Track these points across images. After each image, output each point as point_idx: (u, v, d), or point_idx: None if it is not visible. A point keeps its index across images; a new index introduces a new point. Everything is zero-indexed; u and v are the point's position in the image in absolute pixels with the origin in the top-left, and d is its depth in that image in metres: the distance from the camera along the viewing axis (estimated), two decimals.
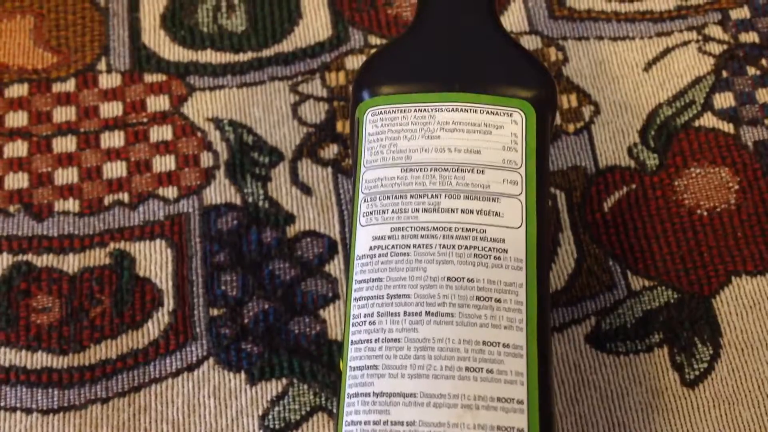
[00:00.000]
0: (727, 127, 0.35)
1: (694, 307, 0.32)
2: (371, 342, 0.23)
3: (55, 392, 0.31)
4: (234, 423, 0.31)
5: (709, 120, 0.35)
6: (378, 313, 0.24)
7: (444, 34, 0.27)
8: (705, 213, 0.34)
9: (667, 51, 0.37)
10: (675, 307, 0.32)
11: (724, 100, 0.36)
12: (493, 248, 0.24)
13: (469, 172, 0.25)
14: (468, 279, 0.24)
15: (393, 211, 0.25)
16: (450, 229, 0.24)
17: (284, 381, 0.31)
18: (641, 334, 0.32)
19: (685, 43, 0.37)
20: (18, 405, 0.31)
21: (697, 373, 0.31)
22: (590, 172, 0.35)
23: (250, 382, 0.31)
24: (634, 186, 0.34)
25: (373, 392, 0.23)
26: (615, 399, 0.31)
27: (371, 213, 0.25)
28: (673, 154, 0.35)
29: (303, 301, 0.32)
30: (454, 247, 0.24)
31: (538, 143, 0.26)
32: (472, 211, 0.24)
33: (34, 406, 0.31)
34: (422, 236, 0.24)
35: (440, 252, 0.24)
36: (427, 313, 0.23)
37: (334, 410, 0.31)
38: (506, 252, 0.24)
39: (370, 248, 0.25)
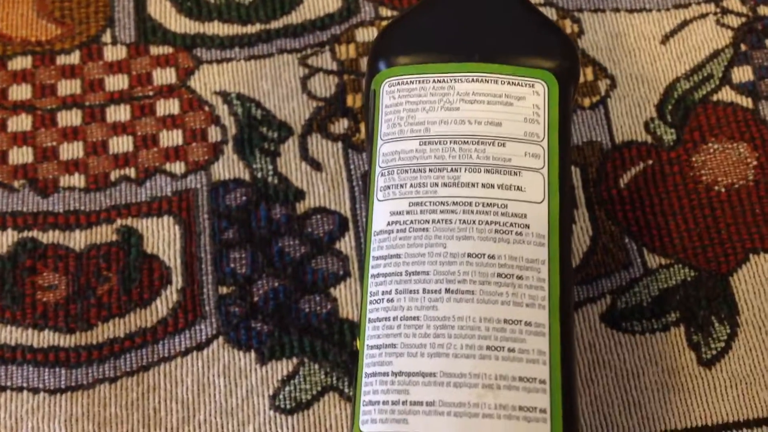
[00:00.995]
0: (746, 102, 0.35)
1: (712, 286, 0.32)
2: (389, 320, 0.23)
3: (63, 371, 0.30)
4: (244, 402, 0.30)
5: (727, 94, 0.35)
6: (396, 290, 0.23)
7: (463, 2, 0.26)
8: (723, 189, 0.33)
9: (684, 23, 0.36)
10: (692, 285, 0.32)
11: (743, 73, 0.35)
12: (515, 224, 0.24)
13: (489, 144, 0.24)
14: (489, 255, 0.23)
15: (411, 186, 0.24)
16: (470, 204, 0.24)
17: (295, 360, 0.31)
18: (657, 312, 0.31)
19: (703, 16, 0.36)
20: (25, 384, 0.30)
21: (714, 352, 0.31)
22: (606, 147, 0.34)
23: (261, 361, 0.31)
24: (650, 162, 0.34)
25: (392, 372, 0.22)
26: (631, 379, 0.30)
27: (389, 187, 0.24)
28: (690, 129, 0.34)
29: (313, 279, 0.32)
30: (474, 222, 0.23)
31: (561, 115, 0.25)
32: (492, 186, 0.24)
33: (41, 385, 0.30)
34: (441, 211, 0.24)
35: (460, 228, 0.23)
36: (447, 291, 0.23)
37: (348, 390, 0.30)
38: (528, 227, 0.23)
39: (388, 224, 0.24)
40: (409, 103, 0.25)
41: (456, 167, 0.24)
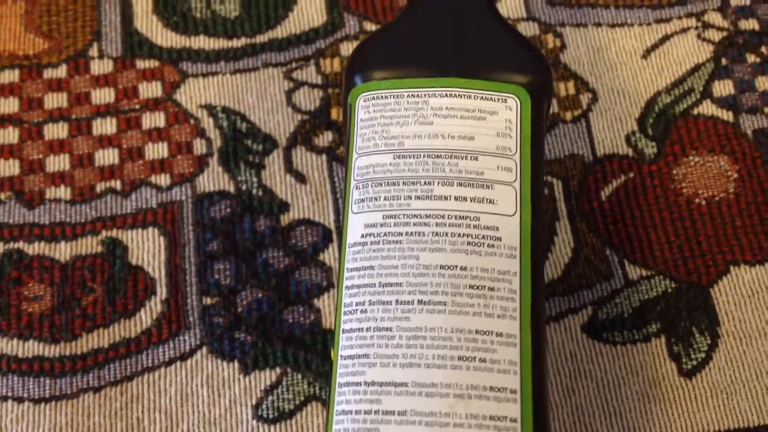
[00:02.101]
0: (727, 115, 0.35)
1: (692, 297, 0.32)
2: (363, 331, 0.23)
3: (47, 381, 0.31)
4: (227, 412, 0.30)
5: (708, 108, 0.35)
6: (370, 301, 0.23)
7: (438, 18, 0.27)
8: (703, 202, 0.33)
9: (665, 38, 0.36)
10: (672, 296, 0.32)
11: (724, 87, 0.35)
12: (487, 236, 0.24)
13: (462, 158, 0.25)
14: (461, 267, 0.23)
15: (385, 198, 0.24)
16: (443, 216, 0.24)
17: (278, 370, 0.31)
18: (638, 323, 0.31)
19: (684, 30, 0.36)
20: (9, 394, 0.31)
21: (694, 363, 0.31)
22: (588, 160, 0.34)
23: (244, 371, 0.31)
24: (632, 174, 0.34)
25: (365, 381, 0.23)
26: (612, 389, 0.31)
27: (363, 200, 0.25)
28: (671, 142, 0.34)
29: (297, 290, 0.32)
30: (447, 234, 0.24)
31: (533, 130, 0.25)
32: (465, 199, 0.24)
33: (25, 395, 0.31)
34: (415, 224, 0.24)
35: (433, 240, 0.24)
36: (420, 302, 0.23)
37: (327, 398, 0.30)
38: (500, 240, 0.24)
39: (362, 236, 0.24)
40: (383, 118, 0.25)
41: (429, 180, 0.24)
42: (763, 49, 0.36)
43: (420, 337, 0.23)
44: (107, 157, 0.34)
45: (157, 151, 0.34)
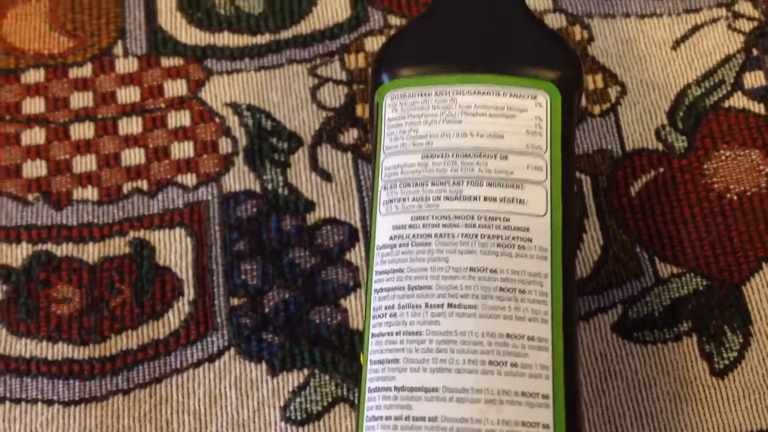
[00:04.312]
0: (758, 108, 0.34)
1: (724, 295, 0.31)
2: (392, 335, 0.23)
3: (77, 384, 0.31)
4: (256, 414, 0.30)
5: (739, 100, 0.34)
6: (399, 305, 0.23)
7: (465, 13, 0.26)
8: (735, 197, 0.33)
9: (695, 28, 0.36)
10: (704, 294, 0.31)
11: (755, 79, 0.35)
12: (517, 237, 0.23)
13: (491, 158, 0.24)
14: (491, 269, 0.23)
15: (414, 199, 0.24)
16: (472, 217, 0.24)
17: (306, 372, 0.31)
18: (669, 322, 0.31)
19: (714, 20, 0.36)
20: (39, 397, 0.31)
21: (726, 362, 0.30)
22: (616, 155, 0.34)
23: (272, 372, 0.31)
24: (661, 169, 0.33)
25: (395, 387, 0.22)
26: (642, 389, 0.30)
27: (391, 201, 0.24)
28: (702, 136, 0.34)
29: (324, 290, 0.32)
30: (476, 236, 0.23)
31: (564, 127, 0.25)
32: (495, 199, 0.24)
33: (55, 397, 0.31)
34: (444, 225, 0.24)
35: (462, 241, 0.23)
36: (449, 305, 0.23)
37: (356, 402, 0.30)
38: (531, 241, 0.23)
39: (391, 238, 0.24)
40: (411, 116, 0.25)
41: (458, 181, 0.24)
42: None
43: (450, 342, 0.22)
44: (133, 157, 0.34)
45: (183, 150, 0.34)
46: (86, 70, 0.36)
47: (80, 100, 0.35)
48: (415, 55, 0.26)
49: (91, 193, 0.34)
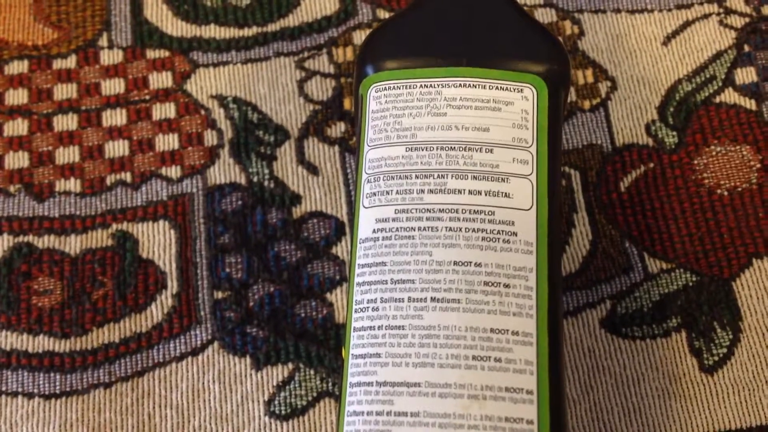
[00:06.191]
0: (749, 104, 0.34)
1: (714, 291, 0.31)
2: (374, 329, 0.23)
3: (57, 376, 0.30)
4: (239, 408, 0.30)
5: (730, 96, 0.34)
6: (381, 299, 0.23)
7: (451, 5, 0.26)
8: (725, 193, 0.32)
9: (686, 24, 0.35)
10: (693, 290, 0.31)
11: (746, 75, 0.34)
12: (502, 231, 0.23)
13: (477, 151, 0.24)
14: (475, 263, 0.23)
15: (397, 192, 0.24)
16: (457, 211, 0.23)
17: (290, 366, 0.30)
18: (658, 318, 0.31)
19: (706, 16, 0.36)
20: (20, 389, 0.30)
21: (716, 358, 0.30)
22: (606, 150, 0.33)
23: (256, 366, 0.30)
24: (651, 165, 0.33)
25: (377, 381, 0.22)
26: (631, 385, 0.30)
27: (374, 194, 0.24)
28: (692, 131, 0.34)
29: (309, 284, 0.31)
30: (461, 229, 0.23)
31: (550, 120, 0.24)
32: (480, 192, 0.23)
33: (35, 390, 0.30)
34: (428, 218, 0.23)
35: (446, 235, 0.23)
36: (433, 299, 0.22)
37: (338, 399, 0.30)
38: (516, 235, 0.23)
39: (374, 231, 0.24)
40: (395, 109, 0.25)
41: (442, 174, 0.24)
42: None
43: (433, 336, 0.22)
44: (117, 148, 0.34)
45: (167, 142, 0.34)
46: (70, 62, 0.35)
47: (64, 91, 0.35)
48: (400, 48, 0.26)
49: (73, 184, 0.33)
